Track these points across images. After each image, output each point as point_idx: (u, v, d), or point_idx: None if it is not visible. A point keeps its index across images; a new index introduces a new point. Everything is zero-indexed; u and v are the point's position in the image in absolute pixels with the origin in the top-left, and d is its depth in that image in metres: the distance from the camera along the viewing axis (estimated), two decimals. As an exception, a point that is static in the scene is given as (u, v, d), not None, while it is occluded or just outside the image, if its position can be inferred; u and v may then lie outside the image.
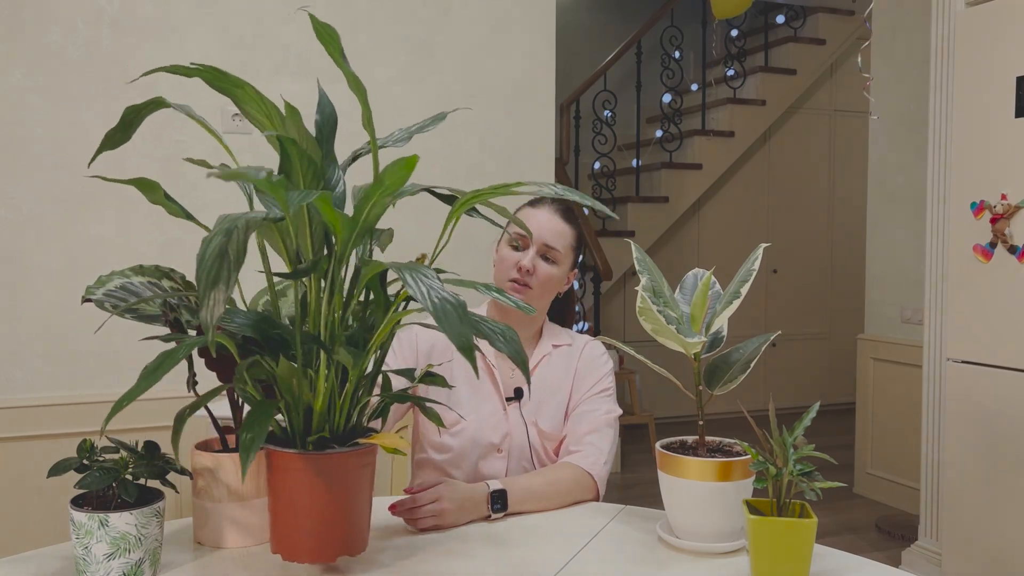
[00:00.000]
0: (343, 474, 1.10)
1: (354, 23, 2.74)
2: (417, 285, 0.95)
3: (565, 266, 1.69)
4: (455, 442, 1.63)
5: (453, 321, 0.93)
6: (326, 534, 1.10)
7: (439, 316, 0.93)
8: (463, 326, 0.93)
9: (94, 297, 1.18)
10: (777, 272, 6.07)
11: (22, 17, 2.40)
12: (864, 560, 1.26)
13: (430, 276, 0.97)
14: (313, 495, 1.09)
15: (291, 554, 1.12)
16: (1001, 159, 2.48)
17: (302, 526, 1.10)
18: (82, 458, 1.13)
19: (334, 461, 1.09)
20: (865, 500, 4.09)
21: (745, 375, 1.30)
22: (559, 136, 5.22)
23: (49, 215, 2.44)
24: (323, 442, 1.11)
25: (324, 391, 1.09)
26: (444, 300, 0.94)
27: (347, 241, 1.06)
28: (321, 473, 1.08)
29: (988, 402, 2.52)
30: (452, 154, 2.86)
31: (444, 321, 0.93)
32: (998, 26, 2.49)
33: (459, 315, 0.93)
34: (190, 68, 1.01)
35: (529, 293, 1.64)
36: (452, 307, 0.94)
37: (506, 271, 1.65)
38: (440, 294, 0.95)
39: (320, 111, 1.17)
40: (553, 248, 1.65)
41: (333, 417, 1.12)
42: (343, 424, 1.13)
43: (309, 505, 1.09)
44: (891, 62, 3.96)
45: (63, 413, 2.42)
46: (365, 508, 1.16)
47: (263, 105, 1.04)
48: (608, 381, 1.70)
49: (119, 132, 1.06)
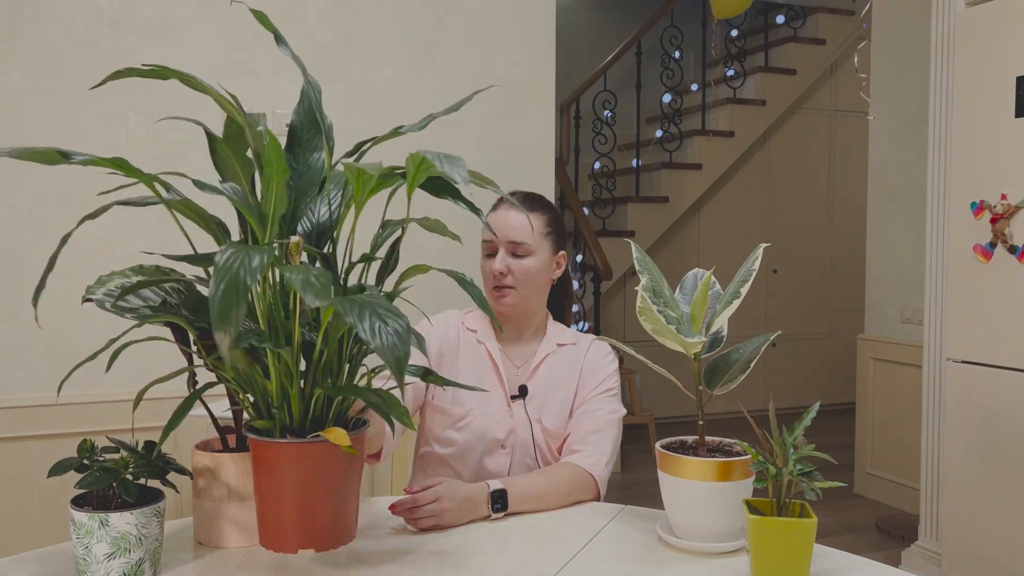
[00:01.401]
0: (305, 463, 1.11)
1: (354, 23, 2.74)
2: (370, 324, 0.96)
3: (543, 253, 1.69)
4: (459, 437, 1.64)
5: (394, 350, 0.95)
6: (295, 523, 1.12)
7: (383, 353, 0.95)
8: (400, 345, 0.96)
9: (94, 297, 1.18)
10: (777, 272, 6.07)
11: (22, 17, 2.40)
12: (864, 560, 1.26)
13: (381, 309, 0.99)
14: (278, 482, 1.12)
15: (270, 543, 1.14)
16: (1001, 159, 2.48)
17: (275, 514, 1.13)
18: (82, 458, 1.13)
19: (280, 450, 1.11)
20: (865, 500, 4.09)
21: (745, 375, 1.30)
22: (559, 136, 5.22)
23: (49, 215, 2.44)
24: (284, 431, 1.13)
25: (275, 378, 1.11)
26: (392, 335, 0.96)
27: (263, 231, 1.10)
28: (278, 460, 1.11)
29: (988, 402, 2.52)
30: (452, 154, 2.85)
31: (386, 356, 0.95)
32: (998, 26, 2.49)
33: (402, 342, 0.96)
34: (142, 70, 1.06)
35: (513, 293, 1.65)
36: (397, 338, 0.96)
37: (487, 281, 1.68)
38: (388, 330, 0.97)
39: (301, 101, 1.24)
40: (519, 242, 1.65)
41: (289, 406, 1.13)
42: (299, 415, 1.13)
43: (276, 492, 1.12)
44: (891, 62, 3.96)
45: (63, 413, 2.42)
46: (341, 499, 1.16)
47: (223, 100, 1.11)
48: (613, 381, 1.70)
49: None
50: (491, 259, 1.67)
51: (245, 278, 0.92)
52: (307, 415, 1.14)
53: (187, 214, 1.13)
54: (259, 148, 1.10)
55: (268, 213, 1.08)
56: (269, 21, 1.15)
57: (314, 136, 1.20)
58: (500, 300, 1.66)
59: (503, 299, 1.65)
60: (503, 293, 1.65)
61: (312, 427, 1.13)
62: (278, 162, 1.03)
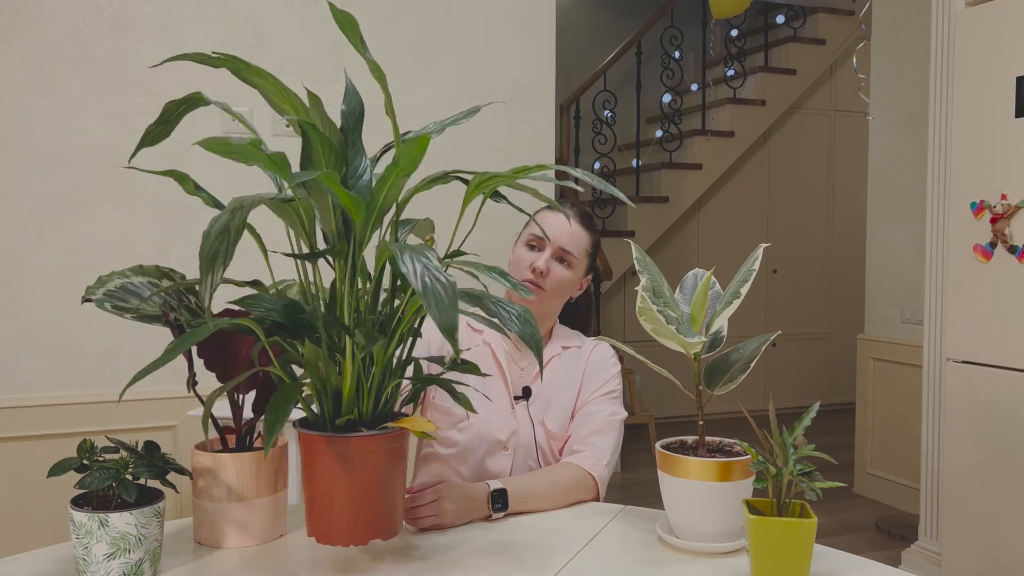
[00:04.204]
0: (371, 457, 1.11)
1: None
2: (411, 263, 0.93)
3: (579, 271, 1.70)
4: (462, 437, 1.64)
5: (440, 301, 0.90)
6: (356, 518, 1.11)
7: (426, 295, 0.90)
8: (449, 308, 0.90)
9: (94, 297, 1.18)
10: (777, 272, 6.07)
11: (22, 17, 2.40)
12: (864, 560, 1.26)
13: (429, 256, 0.96)
14: (341, 478, 1.10)
15: (324, 537, 1.13)
16: (1001, 159, 2.48)
17: (333, 509, 1.12)
18: (82, 458, 1.13)
19: (361, 444, 1.10)
20: (865, 500, 4.09)
21: (745, 375, 1.30)
22: (559, 136, 5.22)
23: (49, 215, 2.44)
24: (352, 425, 1.12)
25: (351, 374, 1.10)
26: (435, 280, 0.92)
27: (365, 224, 1.07)
28: (349, 456, 1.10)
29: (988, 402, 2.52)
30: (451, 154, 2.85)
31: (430, 300, 0.90)
32: (998, 26, 2.49)
33: (448, 297, 0.91)
34: (215, 58, 1.02)
35: (541, 294, 1.65)
36: (442, 287, 0.91)
37: (520, 271, 1.66)
38: (433, 274, 0.93)
39: (346, 101, 1.18)
40: (569, 252, 1.66)
41: (361, 401, 1.13)
42: (371, 408, 1.13)
43: (338, 488, 1.10)
44: (891, 62, 3.96)
45: (63, 413, 2.42)
46: (397, 492, 1.16)
47: (287, 95, 1.06)
48: (615, 383, 1.70)
49: (159, 127, 1.07)
50: (533, 252, 1.67)
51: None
52: (376, 408, 1.14)
53: (296, 215, 1.11)
54: (337, 140, 1.09)
55: (376, 205, 1.07)
56: (356, 28, 1.09)
57: (357, 139, 1.19)
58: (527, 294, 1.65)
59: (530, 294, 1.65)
60: (532, 290, 1.64)
61: (376, 420, 1.14)
62: (407, 163, 1.01)
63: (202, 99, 1.06)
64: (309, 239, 1.13)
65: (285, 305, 1.11)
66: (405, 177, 1.04)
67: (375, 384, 1.13)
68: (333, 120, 1.12)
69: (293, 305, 1.11)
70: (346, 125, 1.16)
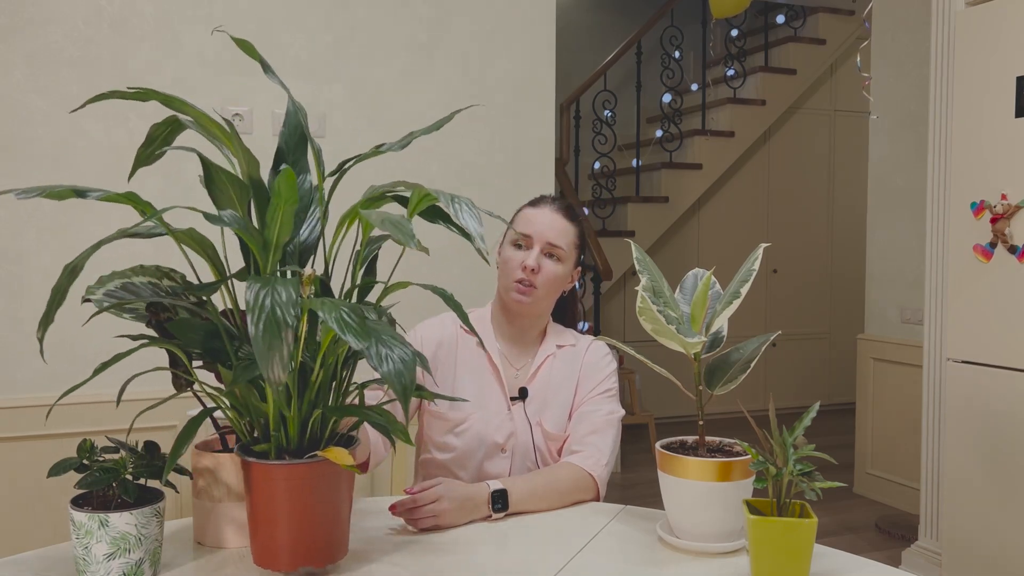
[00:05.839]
0: (295, 484, 1.09)
1: (354, 23, 2.74)
2: (377, 349, 0.98)
3: (569, 264, 1.69)
4: (459, 442, 1.63)
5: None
6: (289, 543, 1.10)
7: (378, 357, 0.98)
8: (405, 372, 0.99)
9: (94, 297, 1.18)
10: (777, 272, 6.07)
11: (22, 17, 2.40)
12: (864, 560, 1.26)
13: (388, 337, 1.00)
14: (265, 504, 1.09)
15: (258, 559, 1.12)
16: (1001, 159, 2.48)
17: (261, 532, 1.11)
18: (82, 458, 1.13)
19: (286, 472, 1.09)
20: (865, 500, 4.09)
21: (745, 375, 1.30)
22: (559, 136, 5.22)
23: (49, 215, 2.44)
24: (280, 452, 1.11)
25: (272, 403, 1.09)
26: (399, 365, 0.99)
27: (266, 259, 1.09)
28: (273, 482, 1.09)
29: (988, 402, 2.52)
30: (450, 154, 2.85)
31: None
32: (998, 26, 2.49)
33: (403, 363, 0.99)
34: (134, 92, 1.06)
35: (535, 293, 1.63)
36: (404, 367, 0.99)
37: (511, 272, 1.64)
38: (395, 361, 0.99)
39: (286, 123, 1.21)
40: (557, 246, 1.65)
41: (285, 429, 1.11)
42: (296, 436, 1.11)
43: (268, 513, 1.10)
44: (891, 62, 3.96)
45: (63, 413, 2.41)
46: (332, 519, 1.14)
47: (214, 124, 1.10)
48: (611, 382, 1.70)
49: (147, 148, 1.12)
50: (521, 251, 1.65)
51: (284, 316, 0.94)
52: (304, 436, 1.12)
53: (191, 244, 1.12)
54: (253, 173, 1.12)
55: (272, 240, 1.07)
56: (255, 51, 1.15)
57: (300, 158, 1.19)
58: (521, 295, 1.64)
59: (524, 296, 1.63)
60: (526, 291, 1.64)
61: (308, 447, 1.12)
62: (288, 192, 1.02)
63: (179, 124, 1.11)
64: (214, 264, 1.14)
65: (206, 332, 1.12)
66: (292, 206, 1.04)
67: (302, 413, 1.11)
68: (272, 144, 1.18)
69: (212, 332, 1.12)
70: (286, 146, 1.20)
